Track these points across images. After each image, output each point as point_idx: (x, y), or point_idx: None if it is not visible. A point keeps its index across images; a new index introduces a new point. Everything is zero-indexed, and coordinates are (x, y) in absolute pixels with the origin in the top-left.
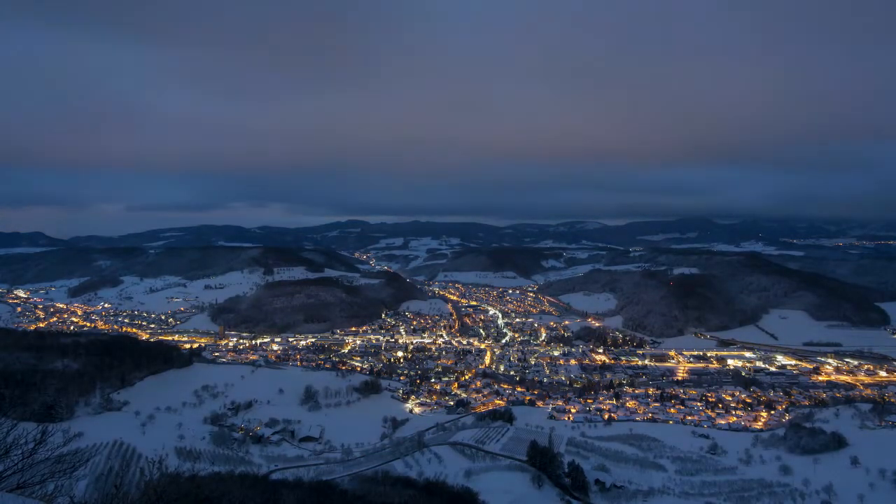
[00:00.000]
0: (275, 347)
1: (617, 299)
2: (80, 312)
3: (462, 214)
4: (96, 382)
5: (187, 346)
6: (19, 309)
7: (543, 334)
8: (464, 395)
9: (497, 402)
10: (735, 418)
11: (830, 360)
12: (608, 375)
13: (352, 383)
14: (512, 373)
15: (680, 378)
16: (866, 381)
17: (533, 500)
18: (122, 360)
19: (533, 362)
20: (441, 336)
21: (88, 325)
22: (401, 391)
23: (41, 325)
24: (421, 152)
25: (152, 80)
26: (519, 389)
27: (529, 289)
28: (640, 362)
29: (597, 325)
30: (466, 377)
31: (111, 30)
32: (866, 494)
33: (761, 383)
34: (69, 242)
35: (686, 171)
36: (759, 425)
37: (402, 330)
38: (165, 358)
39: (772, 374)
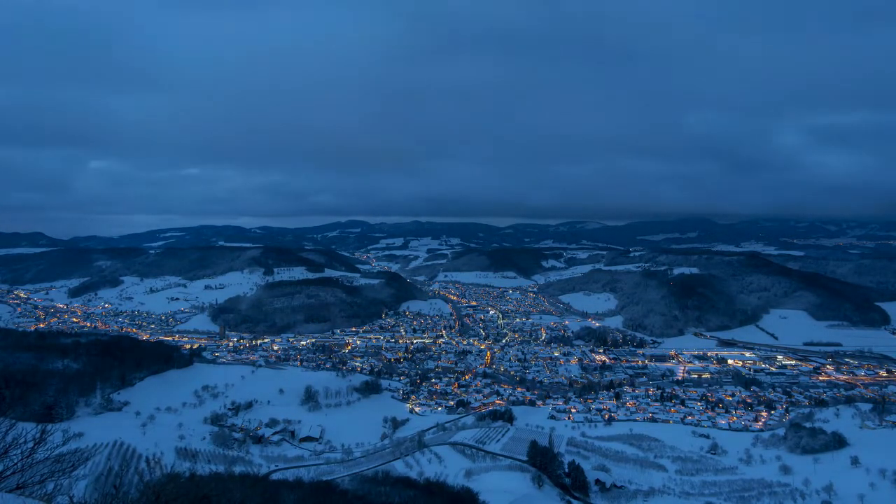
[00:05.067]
0: (275, 348)
1: (617, 299)
2: (80, 313)
3: (462, 214)
4: (96, 382)
5: (187, 346)
6: (19, 309)
7: (544, 334)
8: (464, 396)
9: (497, 402)
10: (735, 418)
11: (830, 360)
12: (608, 375)
13: (352, 383)
14: (512, 373)
15: (680, 378)
16: (867, 381)
17: (533, 500)
18: (122, 361)
19: (533, 362)
20: (441, 336)
21: (88, 325)
22: (401, 391)
23: (41, 325)
24: None
25: None
26: (519, 389)
27: (529, 289)
28: (640, 362)
29: (597, 325)
30: (467, 377)
31: None
32: (866, 494)
33: (761, 383)
34: (69, 243)
35: None
36: (759, 425)
37: (402, 330)
38: (166, 358)
39: (772, 373)
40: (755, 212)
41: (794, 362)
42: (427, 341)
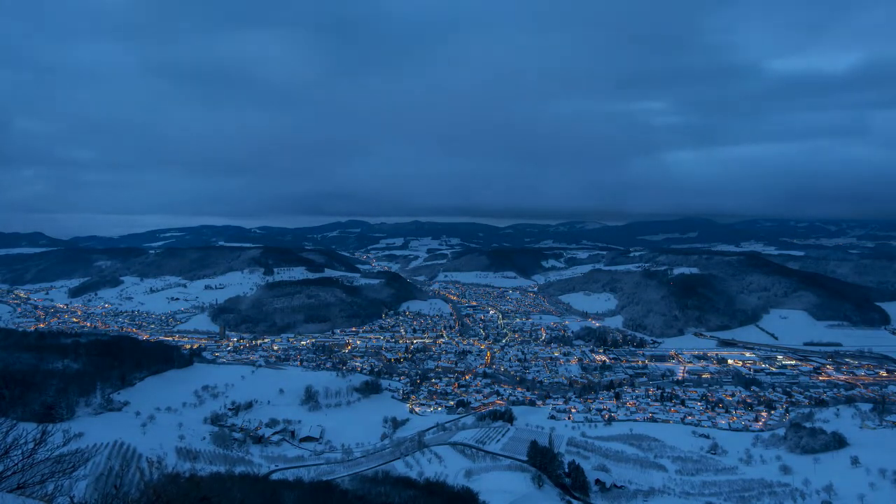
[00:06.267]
0: (275, 348)
1: (617, 299)
2: (80, 313)
3: (462, 214)
4: (97, 382)
5: (187, 346)
6: (20, 309)
7: (544, 334)
8: (464, 396)
9: (497, 402)
10: (735, 418)
11: (830, 360)
12: (608, 375)
13: (352, 383)
14: (512, 373)
15: (680, 378)
16: (867, 381)
17: (533, 500)
18: (122, 361)
19: (533, 362)
20: (441, 336)
21: (88, 325)
22: (401, 391)
23: (41, 325)
24: None
25: None
26: (519, 389)
27: (530, 289)
28: (640, 362)
29: (597, 325)
30: (467, 377)
31: None
32: (867, 494)
33: (761, 383)
34: (69, 243)
35: None
36: (759, 425)
37: (402, 330)
38: (166, 358)
39: (772, 373)
40: (755, 212)
41: (794, 362)
42: (427, 341)
